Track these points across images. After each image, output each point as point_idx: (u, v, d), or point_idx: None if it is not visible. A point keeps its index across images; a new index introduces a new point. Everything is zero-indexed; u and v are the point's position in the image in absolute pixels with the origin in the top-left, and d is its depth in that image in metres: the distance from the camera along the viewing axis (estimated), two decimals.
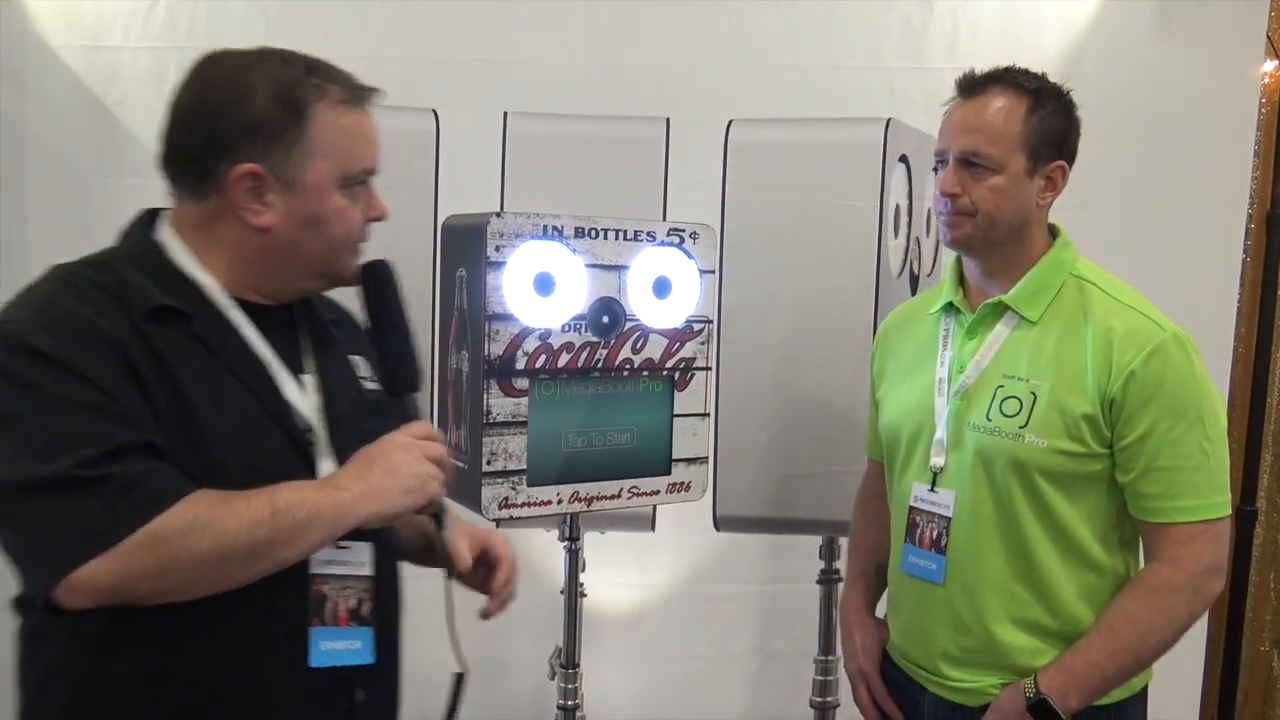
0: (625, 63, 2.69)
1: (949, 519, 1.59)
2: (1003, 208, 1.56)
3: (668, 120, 2.15)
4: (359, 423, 1.29)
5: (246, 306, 1.25)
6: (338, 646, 1.24)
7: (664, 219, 2.09)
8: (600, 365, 1.68)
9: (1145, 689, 1.65)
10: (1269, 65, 2.88)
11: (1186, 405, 1.51)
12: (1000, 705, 1.56)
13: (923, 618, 1.64)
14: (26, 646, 1.21)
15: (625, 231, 1.67)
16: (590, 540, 2.25)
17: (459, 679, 1.36)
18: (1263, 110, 2.88)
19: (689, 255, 1.74)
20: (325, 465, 1.24)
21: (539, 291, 1.61)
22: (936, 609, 1.61)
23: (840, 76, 2.70)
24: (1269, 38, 2.83)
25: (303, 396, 1.26)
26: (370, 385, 1.36)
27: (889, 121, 2.06)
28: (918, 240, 2.21)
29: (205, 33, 2.67)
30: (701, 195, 2.13)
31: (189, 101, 1.21)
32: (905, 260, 2.17)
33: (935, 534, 1.61)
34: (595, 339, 1.67)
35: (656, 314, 1.72)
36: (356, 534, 1.22)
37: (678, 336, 1.75)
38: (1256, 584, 3.07)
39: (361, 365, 1.38)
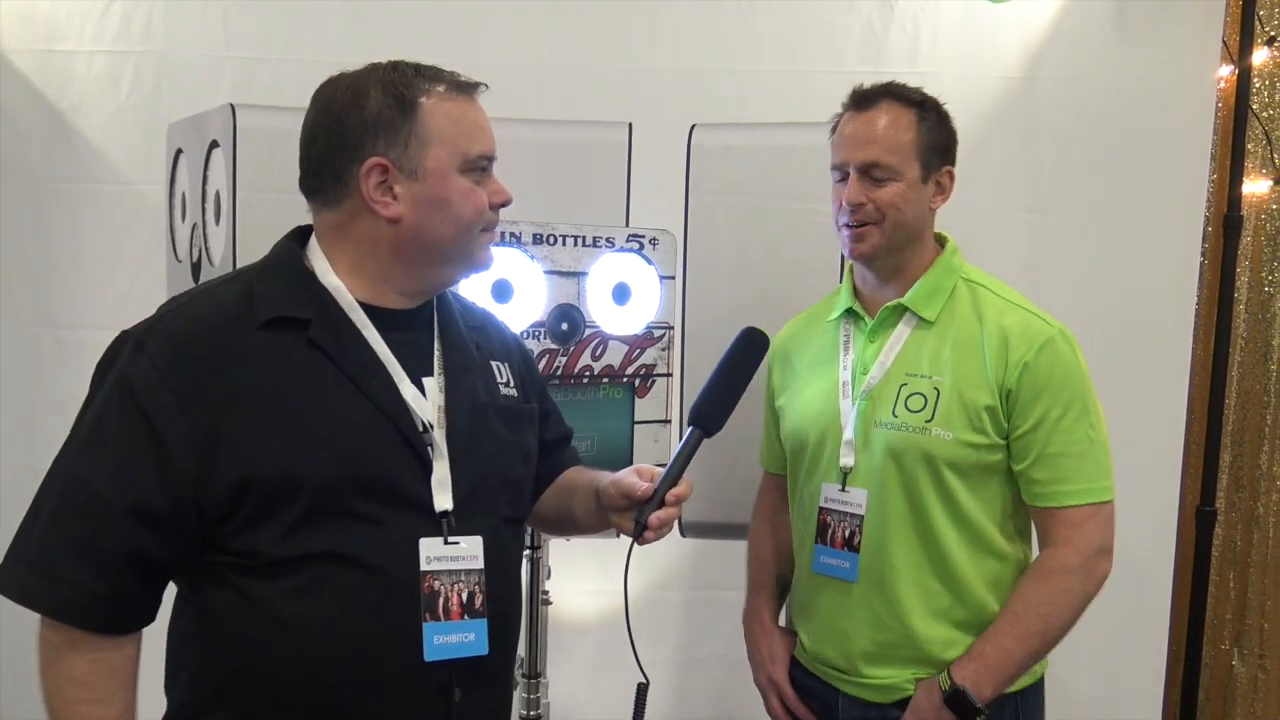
0: (588, 67, 2.68)
1: (861, 517, 1.64)
2: (905, 212, 1.64)
3: (630, 125, 2.14)
4: (485, 425, 1.36)
5: (379, 311, 1.31)
6: (451, 640, 1.27)
7: (626, 224, 2.08)
8: (559, 373, 1.67)
9: (1043, 677, 1.71)
10: (1224, 70, 2.91)
11: (1074, 396, 1.60)
12: (917, 704, 1.61)
13: (838, 617, 1.68)
14: (172, 614, 1.31)
15: (584, 238, 1.67)
16: (556, 547, 2.23)
17: (642, 690, 1.39)
18: (1219, 114, 2.92)
19: (649, 261, 1.74)
20: (440, 464, 1.29)
21: (497, 299, 1.61)
22: (852, 607, 1.66)
23: (802, 80, 2.71)
24: (1224, 43, 2.87)
25: (424, 397, 1.31)
26: (507, 391, 1.43)
27: None
28: None
29: (161, 36, 2.63)
30: (664, 200, 2.12)
31: (314, 120, 1.31)
32: None
33: (847, 532, 1.66)
34: (554, 346, 1.67)
35: (616, 320, 1.72)
36: (466, 529, 1.29)
37: (638, 343, 1.75)
38: (1216, 583, 3.11)
39: (503, 371, 1.44)
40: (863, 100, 1.68)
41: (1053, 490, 1.61)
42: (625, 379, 1.73)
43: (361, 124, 1.27)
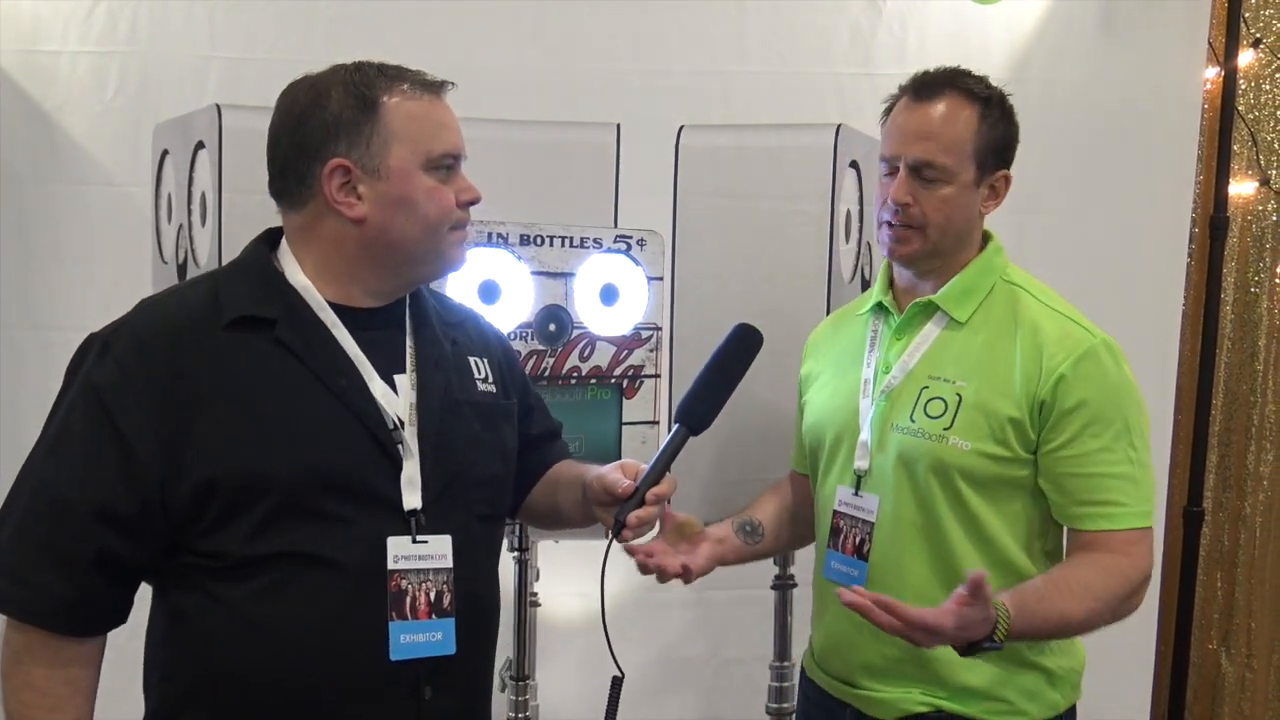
0: (576, 68, 2.67)
1: (872, 524, 1.56)
2: (953, 219, 1.54)
3: (618, 126, 2.13)
4: (459, 423, 1.35)
5: (349, 311, 1.31)
6: (418, 639, 1.27)
7: (615, 225, 2.08)
8: (547, 373, 1.67)
9: (1072, 710, 1.62)
10: (1210, 71, 2.93)
11: (1115, 413, 1.49)
12: (975, 635, 1.36)
13: (844, 626, 1.60)
14: (149, 616, 1.32)
15: (571, 238, 1.67)
16: (545, 549, 2.23)
17: (616, 683, 1.39)
18: (1205, 115, 2.93)
19: (636, 262, 1.73)
20: (410, 462, 1.29)
21: (484, 299, 1.61)
22: (858, 617, 1.53)
23: (791, 82, 2.71)
24: (1210, 44, 2.88)
25: (395, 395, 1.30)
26: (485, 388, 1.42)
27: (839, 127, 2.06)
28: (869, 245, 2.21)
29: (146, 36, 2.61)
30: (653, 201, 2.12)
31: (278, 122, 1.31)
32: (856, 265, 2.18)
33: (858, 539, 1.58)
34: (542, 347, 1.67)
35: (604, 321, 1.71)
36: (436, 528, 1.29)
37: (626, 344, 1.74)
38: (1204, 583, 3.12)
39: (481, 367, 1.43)
40: (923, 89, 1.54)
41: (1089, 513, 1.48)
42: (613, 380, 1.73)
43: (323, 125, 1.27)
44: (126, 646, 1.33)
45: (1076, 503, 1.49)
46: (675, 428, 1.42)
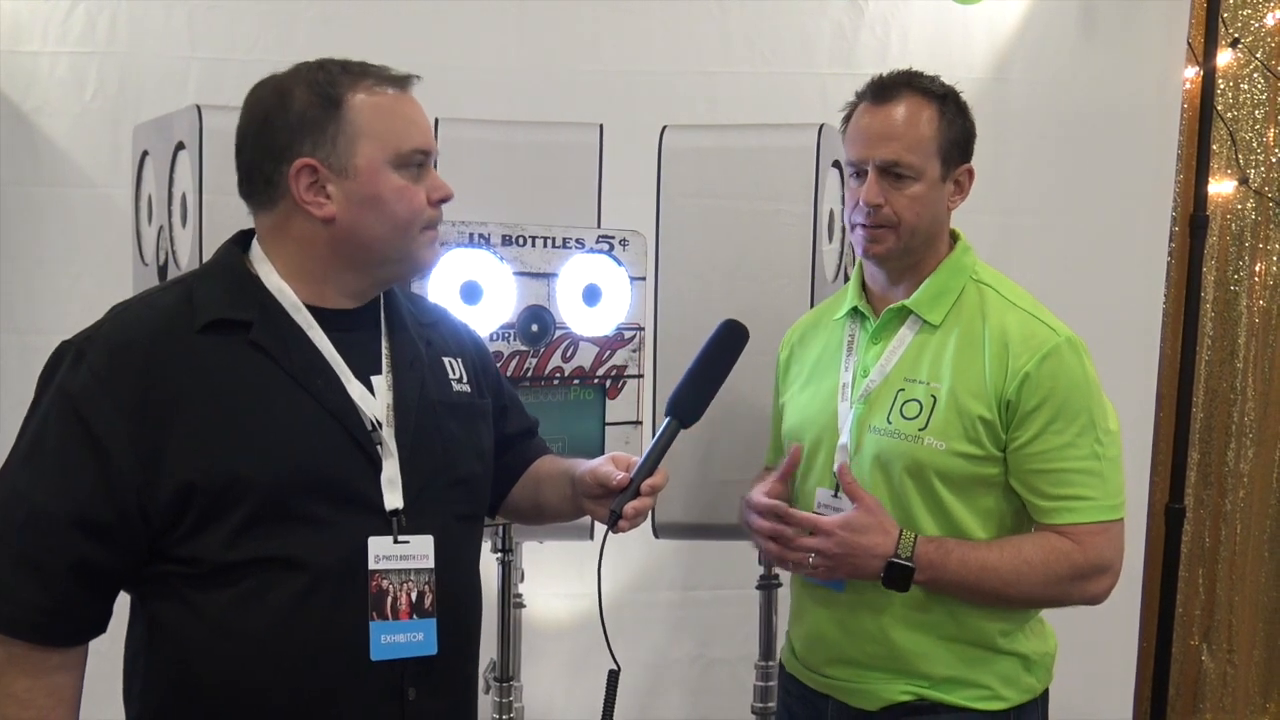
0: (558, 68, 2.67)
1: None
2: (923, 216, 1.57)
3: (601, 126, 2.13)
4: (435, 423, 1.34)
5: (324, 312, 1.30)
6: (398, 639, 1.26)
7: (598, 225, 2.08)
8: (530, 374, 1.67)
9: (1045, 692, 1.66)
10: (1189, 71, 2.95)
11: (1079, 409, 1.52)
12: (875, 546, 1.51)
13: (824, 626, 1.64)
14: (128, 624, 1.31)
15: (554, 239, 1.67)
16: (529, 550, 2.22)
17: (613, 676, 1.38)
18: (1184, 115, 2.95)
19: (619, 262, 1.73)
20: (389, 463, 1.28)
21: (466, 300, 1.60)
22: (839, 616, 1.61)
23: (773, 82, 2.72)
24: (1189, 44, 2.90)
25: (371, 396, 1.30)
26: (460, 388, 1.41)
27: (822, 127, 2.07)
28: (851, 245, 2.21)
29: (126, 37, 2.60)
30: (636, 201, 2.12)
31: (244, 123, 1.30)
32: (839, 265, 2.18)
33: None
34: (524, 348, 1.66)
35: (587, 322, 1.71)
36: (417, 528, 1.28)
37: (609, 344, 1.74)
38: (1185, 580, 3.14)
39: (456, 367, 1.42)
40: (881, 91, 1.57)
41: (1055, 507, 1.52)
42: (596, 380, 1.73)
43: (287, 125, 1.25)
44: (109, 651, 1.32)
45: (1044, 498, 1.53)
46: (666, 420, 1.43)
